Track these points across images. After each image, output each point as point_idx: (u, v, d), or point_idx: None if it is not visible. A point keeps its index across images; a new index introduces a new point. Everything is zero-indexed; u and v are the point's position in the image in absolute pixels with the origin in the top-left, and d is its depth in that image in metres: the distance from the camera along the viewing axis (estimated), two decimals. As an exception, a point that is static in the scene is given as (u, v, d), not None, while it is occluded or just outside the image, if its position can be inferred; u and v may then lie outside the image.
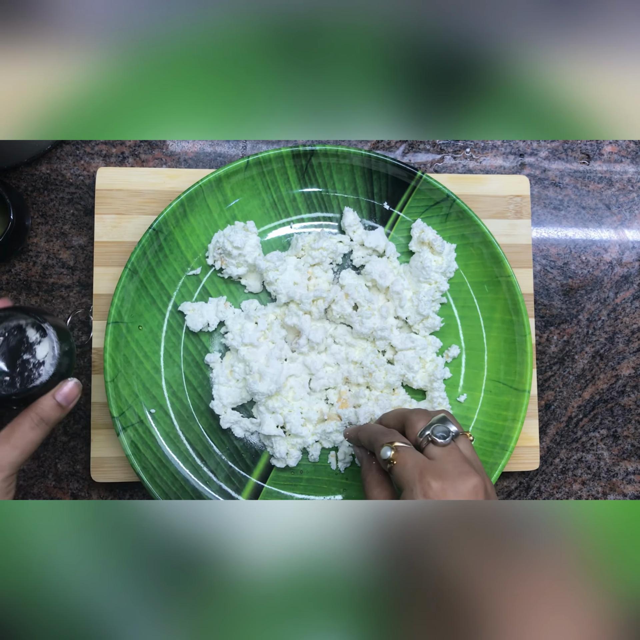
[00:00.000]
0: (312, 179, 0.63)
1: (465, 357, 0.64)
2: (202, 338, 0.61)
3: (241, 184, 0.61)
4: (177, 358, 0.61)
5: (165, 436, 0.59)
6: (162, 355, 0.60)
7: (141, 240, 0.58)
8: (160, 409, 0.60)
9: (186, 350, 0.61)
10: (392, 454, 0.45)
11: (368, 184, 0.63)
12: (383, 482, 0.49)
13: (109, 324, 0.57)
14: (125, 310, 0.58)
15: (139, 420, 0.58)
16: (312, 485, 0.61)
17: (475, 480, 0.43)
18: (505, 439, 0.60)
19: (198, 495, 0.59)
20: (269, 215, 0.63)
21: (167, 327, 0.61)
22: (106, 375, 0.57)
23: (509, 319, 0.62)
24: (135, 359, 0.59)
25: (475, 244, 0.63)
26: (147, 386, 0.60)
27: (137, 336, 0.60)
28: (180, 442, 0.60)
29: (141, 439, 0.58)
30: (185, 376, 0.61)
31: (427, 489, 0.42)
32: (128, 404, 0.58)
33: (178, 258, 0.61)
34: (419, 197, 0.63)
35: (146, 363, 0.60)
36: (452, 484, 0.42)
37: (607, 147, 0.72)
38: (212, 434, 0.60)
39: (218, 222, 0.62)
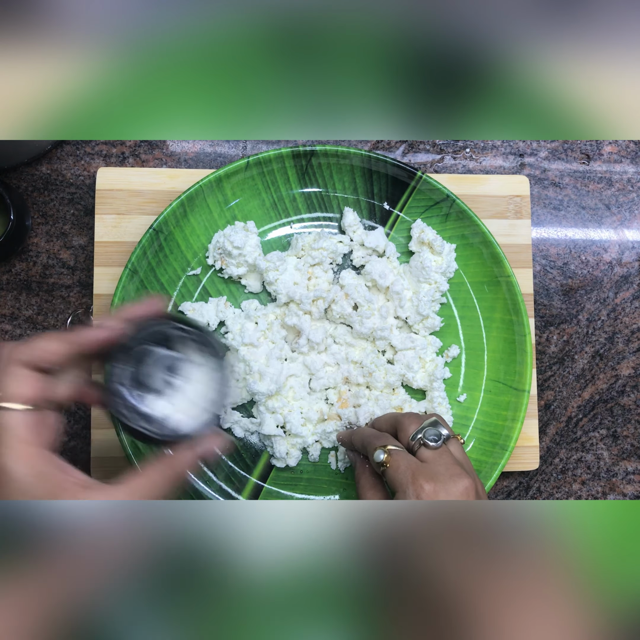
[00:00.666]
0: (312, 179, 0.63)
1: (465, 357, 0.64)
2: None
3: (241, 184, 0.61)
4: None
5: None
6: None
7: (141, 240, 0.58)
8: None
9: None
10: (385, 457, 0.46)
11: (368, 184, 0.63)
12: (376, 485, 0.49)
13: None
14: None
15: None
16: (312, 485, 0.61)
17: (467, 482, 0.43)
18: (505, 439, 0.60)
19: (198, 495, 0.59)
20: (269, 215, 0.63)
21: None
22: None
23: (508, 319, 0.62)
24: None
25: (475, 244, 0.63)
26: None
27: None
28: None
29: None
30: None
31: (419, 491, 0.43)
32: None
33: (178, 258, 0.61)
34: (419, 197, 0.63)
35: None
36: (443, 486, 0.43)
37: (607, 147, 0.72)
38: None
39: (218, 222, 0.62)
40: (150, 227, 0.58)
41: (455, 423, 0.63)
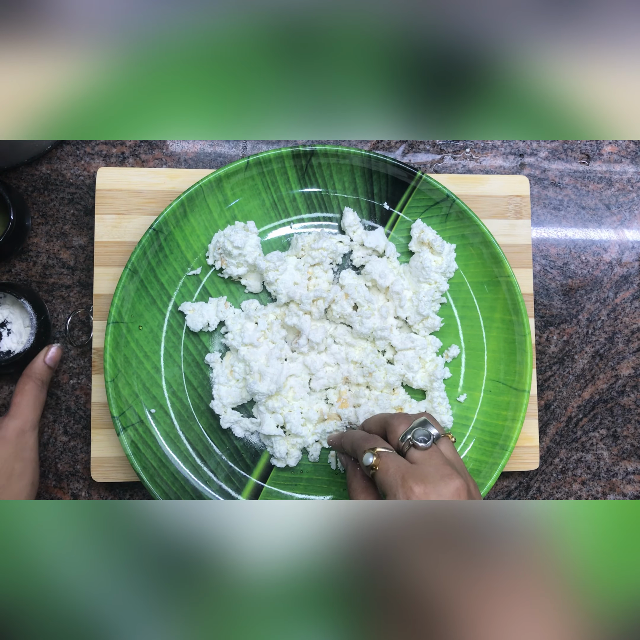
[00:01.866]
0: (312, 179, 0.63)
1: (465, 357, 0.64)
2: (202, 338, 0.62)
3: (241, 184, 0.61)
4: (177, 358, 0.61)
5: (166, 436, 0.59)
6: (162, 355, 0.60)
7: (141, 240, 0.58)
8: (160, 409, 0.60)
9: (186, 350, 0.61)
10: (374, 460, 0.45)
11: (368, 184, 0.63)
12: (368, 488, 0.49)
13: (109, 324, 0.57)
14: (125, 310, 0.58)
15: (139, 420, 0.58)
16: (312, 485, 0.61)
17: (458, 482, 0.43)
18: (505, 439, 0.60)
19: (198, 495, 0.59)
20: (269, 215, 0.63)
21: (167, 327, 0.61)
22: (106, 375, 0.57)
23: (508, 319, 0.62)
24: (135, 359, 0.59)
25: (475, 244, 0.63)
26: (147, 386, 0.60)
27: (137, 336, 0.60)
28: (181, 442, 0.60)
29: (141, 438, 0.58)
30: (186, 376, 0.61)
31: (409, 494, 0.42)
32: (128, 404, 0.58)
33: (178, 258, 0.61)
34: (419, 197, 0.63)
35: (146, 363, 0.60)
36: (434, 488, 0.42)
37: (607, 147, 0.72)
38: (212, 433, 0.61)
39: (218, 222, 0.62)
40: (150, 227, 0.58)
41: (455, 423, 0.63)
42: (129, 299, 0.59)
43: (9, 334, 0.60)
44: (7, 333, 0.60)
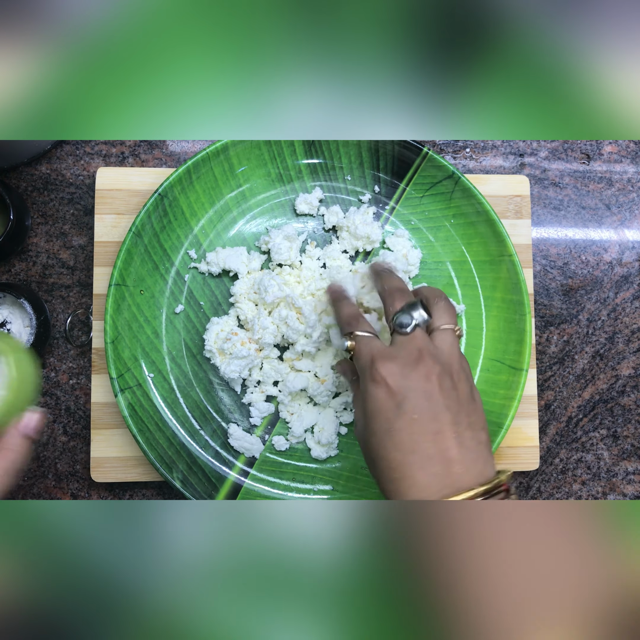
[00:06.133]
0: (319, 151, 0.63)
1: (465, 335, 0.64)
2: (204, 306, 0.62)
3: (247, 152, 0.62)
4: (178, 324, 0.61)
5: (164, 400, 0.60)
6: (164, 321, 0.61)
7: (146, 203, 0.58)
8: (159, 374, 0.60)
9: (187, 317, 0.61)
10: (349, 344, 0.45)
11: (374, 158, 0.64)
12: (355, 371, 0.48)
13: (111, 286, 0.58)
14: (127, 274, 0.59)
15: (138, 384, 0.59)
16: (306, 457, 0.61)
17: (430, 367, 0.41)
18: (501, 417, 0.60)
19: (193, 460, 0.59)
20: (273, 186, 0.64)
21: (169, 294, 0.61)
22: (106, 336, 0.57)
23: (509, 299, 0.63)
24: (135, 323, 0.60)
25: (479, 222, 0.63)
26: (146, 350, 0.60)
27: (139, 300, 0.60)
28: (179, 407, 0.60)
29: (138, 401, 0.58)
30: (185, 343, 0.61)
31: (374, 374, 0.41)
32: (127, 367, 0.58)
33: (182, 225, 0.61)
34: (425, 173, 0.63)
35: (147, 328, 0.60)
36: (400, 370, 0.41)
37: (607, 147, 0.72)
38: (209, 401, 0.61)
39: (223, 190, 0.62)
40: (155, 192, 0.59)
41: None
42: (132, 263, 0.59)
43: (9, 334, 0.60)
44: (7, 333, 0.60)
